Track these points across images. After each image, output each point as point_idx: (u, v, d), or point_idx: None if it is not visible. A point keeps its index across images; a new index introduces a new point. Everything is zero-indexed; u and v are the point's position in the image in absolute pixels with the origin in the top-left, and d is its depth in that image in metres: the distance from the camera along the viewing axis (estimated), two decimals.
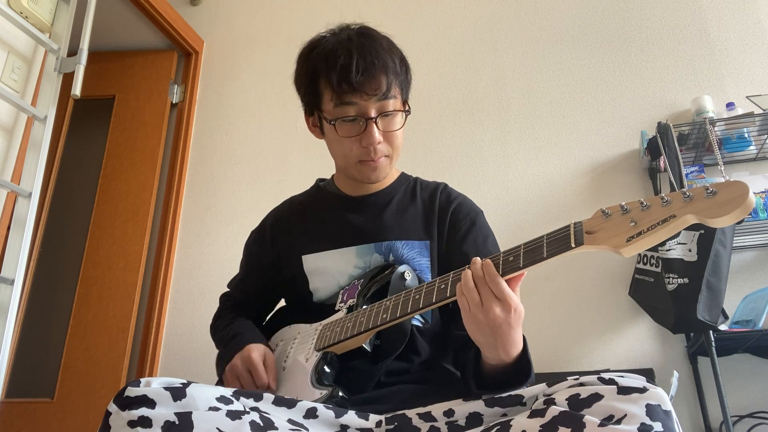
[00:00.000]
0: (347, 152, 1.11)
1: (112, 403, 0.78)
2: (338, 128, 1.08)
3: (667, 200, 0.72)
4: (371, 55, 1.06)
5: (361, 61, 1.04)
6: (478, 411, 0.85)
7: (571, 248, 0.78)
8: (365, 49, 1.06)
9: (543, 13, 2.62)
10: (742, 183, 0.68)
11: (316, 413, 0.86)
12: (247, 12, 3.00)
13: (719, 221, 0.68)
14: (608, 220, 0.77)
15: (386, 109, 1.08)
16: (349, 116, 1.07)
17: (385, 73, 1.06)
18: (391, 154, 1.13)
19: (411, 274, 1.10)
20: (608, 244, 0.75)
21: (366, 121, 1.07)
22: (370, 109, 1.06)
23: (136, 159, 2.70)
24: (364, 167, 1.12)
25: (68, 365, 2.39)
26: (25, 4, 1.87)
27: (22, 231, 1.75)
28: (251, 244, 1.32)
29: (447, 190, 1.24)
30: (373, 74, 1.05)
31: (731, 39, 2.39)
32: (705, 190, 0.70)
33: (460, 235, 1.16)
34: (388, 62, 1.07)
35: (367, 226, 1.17)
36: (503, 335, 0.86)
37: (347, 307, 1.09)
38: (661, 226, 0.71)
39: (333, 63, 1.05)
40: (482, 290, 0.85)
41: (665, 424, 0.69)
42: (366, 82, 1.04)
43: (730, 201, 0.67)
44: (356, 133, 1.08)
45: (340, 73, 1.04)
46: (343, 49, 1.06)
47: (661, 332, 2.05)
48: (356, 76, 1.03)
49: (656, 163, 2.17)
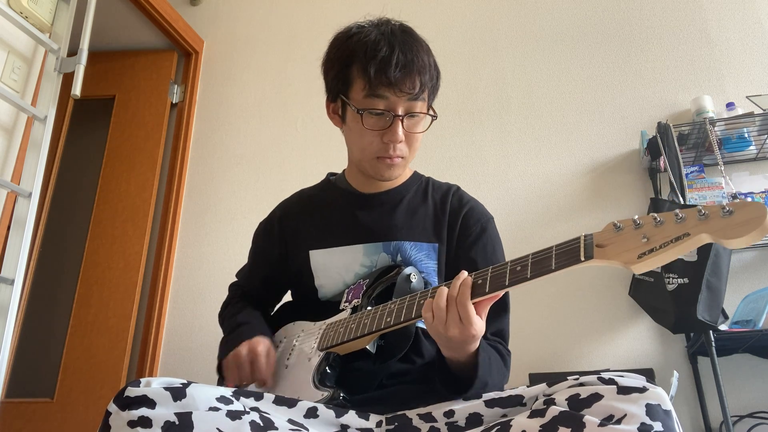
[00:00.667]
0: (366, 145, 1.10)
1: (112, 403, 0.78)
2: (364, 119, 1.07)
3: (681, 217, 0.70)
4: (412, 52, 1.05)
5: (401, 57, 1.04)
6: (478, 411, 0.85)
7: (581, 261, 0.77)
8: (407, 45, 1.06)
9: (543, 13, 2.62)
10: (761, 204, 0.65)
11: (317, 413, 0.86)
12: (247, 12, 3.00)
13: (735, 243, 0.66)
14: (620, 234, 0.75)
15: (414, 109, 1.08)
16: (377, 109, 1.06)
17: (421, 73, 1.06)
18: (408, 155, 1.13)
19: (417, 276, 1.09)
20: (619, 260, 0.73)
21: (393, 117, 1.06)
22: (399, 107, 1.06)
23: (136, 159, 2.70)
24: (380, 164, 1.11)
25: (68, 365, 2.39)
26: (25, 4, 1.87)
27: (22, 231, 1.75)
28: (259, 236, 1.31)
29: (459, 193, 1.23)
30: (410, 72, 1.04)
31: (731, 39, 2.39)
32: (722, 209, 0.67)
33: (470, 241, 1.15)
34: (426, 64, 1.07)
35: (376, 224, 1.16)
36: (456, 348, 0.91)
37: (352, 307, 1.09)
38: (674, 244, 0.69)
39: (373, 53, 1.04)
40: (450, 310, 0.87)
41: (665, 424, 0.69)
42: (402, 78, 1.04)
43: (747, 222, 0.65)
44: (380, 127, 1.07)
45: (380, 64, 1.03)
46: (385, 41, 1.05)
47: (661, 332, 2.05)
48: (394, 71, 1.03)
49: (656, 163, 2.17)
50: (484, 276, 0.88)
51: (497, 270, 0.87)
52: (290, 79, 2.80)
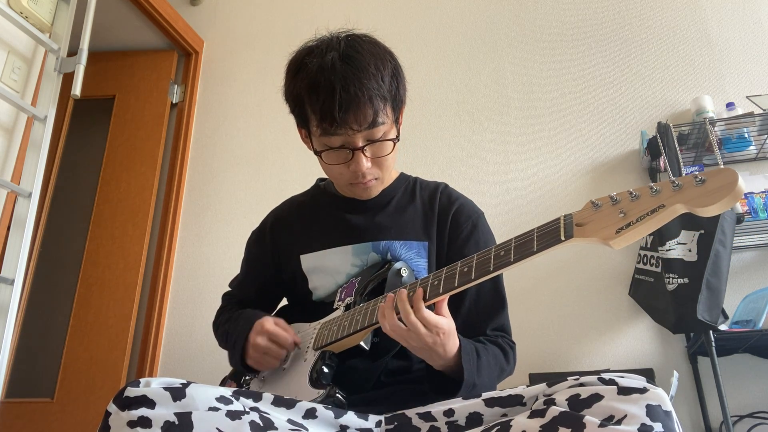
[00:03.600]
0: (336, 176, 1.11)
1: (111, 403, 0.78)
2: (325, 158, 1.07)
3: (656, 189, 0.71)
4: (355, 86, 0.98)
5: (344, 95, 0.98)
6: (478, 411, 0.85)
7: (561, 241, 0.77)
8: (348, 79, 0.99)
9: (543, 13, 2.62)
10: (731, 170, 0.66)
11: (316, 414, 0.86)
12: (247, 12, 3.00)
13: (709, 210, 0.66)
14: (598, 211, 0.76)
15: (375, 137, 1.03)
16: (334, 147, 1.04)
17: (371, 102, 1.00)
18: (381, 176, 1.11)
19: (407, 270, 1.10)
20: (598, 236, 0.73)
21: (352, 151, 1.04)
22: (357, 140, 1.03)
23: (136, 159, 2.70)
24: (355, 188, 1.12)
25: (68, 365, 2.39)
26: (25, 4, 1.87)
27: (22, 231, 1.75)
28: (252, 244, 1.33)
29: (447, 191, 1.23)
30: (357, 107, 0.99)
31: (731, 39, 2.39)
32: (694, 178, 0.68)
33: (462, 238, 1.15)
34: (374, 90, 1.00)
35: (365, 225, 1.17)
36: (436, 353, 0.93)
37: (345, 305, 1.10)
38: (650, 216, 0.69)
39: (316, 95, 1.00)
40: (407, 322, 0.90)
41: (665, 425, 0.69)
42: (350, 116, 0.99)
43: (719, 189, 0.66)
44: (343, 160, 1.06)
45: (322, 108, 0.99)
46: (325, 80, 0.99)
47: (661, 332, 2.05)
48: (339, 113, 0.98)
49: (656, 163, 2.17)
50: (470, 263, 0.89)
51: (482, 256, 0.88)
52: None
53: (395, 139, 1.07)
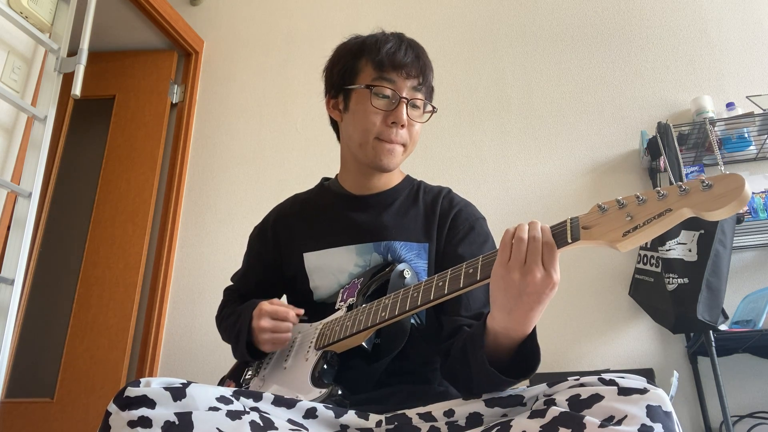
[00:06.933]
0: (370, 126, 1.13)
1: (112, 403, 0.78)
2: (372, 99, 1.12)
3: (663, 194, 0.72)
4: (418, 49, 1.16)
5: (410, 50, 1.14)
6: (478, 411, 0.85)
7: (568, 243, 0.78)
8: (414, 44, 1.17)
9: (543, 13, 2.62)
10: (738, 175, 0.67)
11: (316, 413, 0.86)
12: (247, 12, 3.00)
13: (715, 214, 0.67)
14: (605, 215, 0.76)
15: (417, 97, 1.15)
16: (387, 87, 1.12)
17: (425, 67, 1.15)
18: (408, 144, 1.16)
19: (410, 272, 1.10)
20: (604, 239, 0.74)
21: (399, 100, 1.12)
22: (405, 90, 1.13)
23: (136, 159, 2.70)
24: (380, 147, 1.13)
25: (68, 365, 2.39)
26: (25, 4, 1.87)
27: (22, 231, 1.75)
28: (254, 239, 1.33)
29: (450, 195, 1.24)
30: (417, 60, 1.14)
31: (731, 39, 2.39)
32: (701, 182, 0.69)
33: (458, 238, 1.15)
34: (428, 64, 1.17)
35: (367, 225, 1.18)
36: (527, 305, 0.79)
37: (347, 306, 1.10)
38: (657, 220, 0.70)
39: (384, 44, 1.14)
40: (532, 250, 0.78)
41: (666, 426, 0.69)
42: (410, 63, 1.13)
43: (726, 194, 0.67)
44: (385, 107, 1.12)
45: (389, 50, 1.13)
46: (394, 39, 1.16)
47: (661, 332, 2.05)
48: (404, 56, 1.12)
49: (656, 163, 2.17)
50: (475, 264, 0.88)
51: (487, 258, 0.87)
52: (290, 79, 2.80)
53: (432, 110, 1.19)
